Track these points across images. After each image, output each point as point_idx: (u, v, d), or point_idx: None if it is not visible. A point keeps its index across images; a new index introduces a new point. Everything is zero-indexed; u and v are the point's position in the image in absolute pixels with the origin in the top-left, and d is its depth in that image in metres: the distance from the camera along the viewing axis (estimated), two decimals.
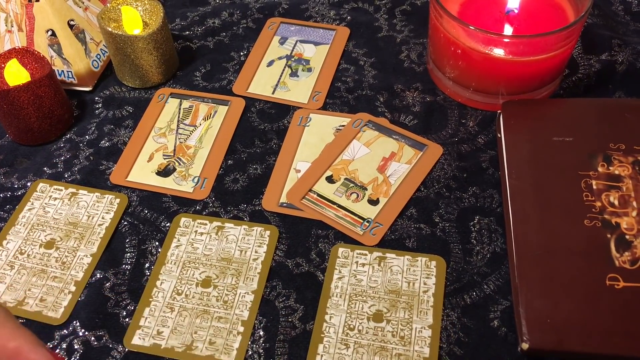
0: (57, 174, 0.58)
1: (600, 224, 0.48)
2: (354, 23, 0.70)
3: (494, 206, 0.53)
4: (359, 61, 0.66)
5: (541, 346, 0.43)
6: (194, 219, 0.53)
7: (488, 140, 0.58)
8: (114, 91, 0.65)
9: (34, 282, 0.50)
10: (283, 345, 0.46)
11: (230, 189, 0.56)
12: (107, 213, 0.54)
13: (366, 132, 0.59)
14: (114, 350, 0.46)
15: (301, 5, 0.72)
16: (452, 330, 0.46)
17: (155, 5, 0.63)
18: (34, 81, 0.56)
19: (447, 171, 0.55)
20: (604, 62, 0.63)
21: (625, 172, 0.51)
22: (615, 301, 0.44)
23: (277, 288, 0.49)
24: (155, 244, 0.52)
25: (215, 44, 0.69)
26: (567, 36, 0.54)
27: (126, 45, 0.60)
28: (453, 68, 0.58)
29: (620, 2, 0.70)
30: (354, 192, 0.54)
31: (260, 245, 0.51)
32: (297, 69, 0.65)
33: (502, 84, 0.57)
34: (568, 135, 0.53)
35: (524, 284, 0.45)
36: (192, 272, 0.50)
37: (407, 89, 0.62)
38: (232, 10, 0.72)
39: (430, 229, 0.52)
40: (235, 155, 0.58)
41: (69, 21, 0.63)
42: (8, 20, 0.63)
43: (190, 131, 0.60)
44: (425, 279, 0.48)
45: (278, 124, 0.61)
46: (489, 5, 0.60)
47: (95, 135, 0.61)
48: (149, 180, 0.57)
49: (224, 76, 0.66)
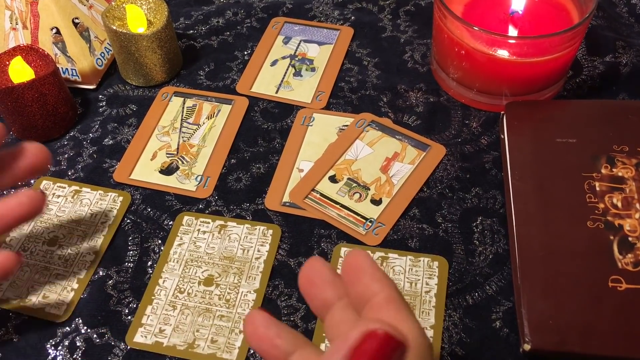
0: (60, 172, 0.58)
1: (603, 226, 0.48)
2: (358, 23, 0.70)
3: (496, 207, 0.53)
4: (363, 61, 0.66)
5: (543, 347, 0.43)
6: (197, 217, 0.53)
7: (491, 141, 0.58)
8: (117, 89, 0.65)
9: (36, 279, 0.50)
10: None
11: (233, 188, 0.56)
12: (110, 211, 0.54)
13: (369, 132, 0.59)
14: (116, 348, 0.46)
15: (305, 5, 0.72)
16: (454, 331, 0.46)
17: (159, 4, 0.63)
18: (38, 79, 0.56)
19: (450, 172, 0.55)
20: (608, 64, 0.63)
21: (628, 174, 0.51)
22: (617, 303, 0.44)
23: (280, 287, 0.49)
24: (158, 242, 0.53)
25: (219, 43, 0.69)
26: (571, 38, 0.54)
27: (130, 44, 0.60)
28: (457, 69, 0.58)
29: (624, 4, 0.70)
30: (356, 192, 0.54)
31: (263, 244, 0.51)
32: (300, 68, 0.65)
33: (505, 85, 0.57)
34: (571, 137, 0.53)
35: (526, 285, 0.45)
36: (194, 271, 0.50)
37: (411, 89, 0.62)
38: (236, 10, 0.73)
39: (432, 229, 0.52)
40: (238, 154, 0.59)
41: (74, 19, 0.63)
42: (13, 17, 0.63)
43: (194, 130, 0.60)
44: (427, 279, 0.48)
45: (281, 124, 0.61)
46: (493, 6, 0.60)
47: (99, 133, 0.61)
48: (152, 179, 0.57)
49: (228, 75, 0.66)
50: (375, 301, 0.29)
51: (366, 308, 0.29)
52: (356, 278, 0.30)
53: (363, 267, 0.30)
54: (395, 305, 0.29)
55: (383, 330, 0.26)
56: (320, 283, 0.31)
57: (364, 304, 0.29)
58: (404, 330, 0.27)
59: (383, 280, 0.30)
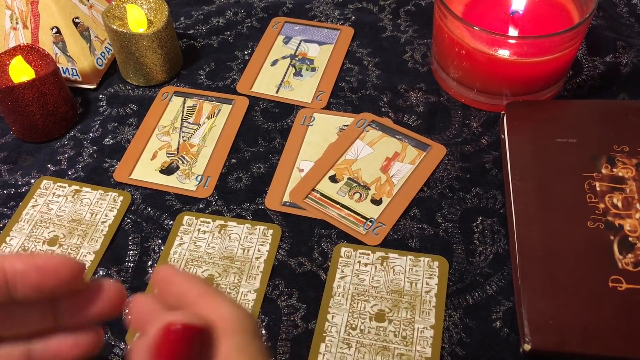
0: (60, 171, 0.58)
1: (603, 226, 0.48)
2: (358, 23, 0.70)
3: (497, 207, 0.53)
4: (363, 61, 0.66)
5: (543, 347, 0.43)
6: (197, 217, 0.53)
7: (491, 141, 0.58)
8: (118, 89, 0.65)
9: None
10: (285, 344, 0.46)
11: (233, 188, 0.56)
12: (110, 210, 0.54)
13: (370, 132, 0.59)
14: (116, 347, 0.46)
15: (305, 4, 0.72)
16: (454, 331, 0.46)
17: (160, 3, 0.63)
18: (39, 78, 0.56)
19: (450, 172, 0.55)
20: (608, 64, 0.63)
21: (628, 174, 0.51)
22: (617, 303, 0.44)
23: (280, 287, 0.49)
24: (158, 241, 0.53)
25: (219, 43, 0.69)
26: (572, 38, 0.53)
27: (131, 44, 0.60)
28: (457, 69, 0.58)
29: (625, 4, 0.70)
30: (357, 191, 0.54)
31: (263, 244, 0.51)
32: (301, 68, 0.65)
33: (506, 85, 0.57)
34: (572, 137, 0.53)
35: (526, 285, 0.45)
36: (194, 270, 0.50)
37: (411, 89, 0.62)
38: (236, 10, 0.73)
39: (433, 229, 0.52)
40: (238, 154, 0.59)
41: (74, 19, 0.63)
42: (13, 17, 0.63)
43: (194, 130, 0.60)
44: (427, 279, 0.48)
45: (282, 123, 0.61)
46: (493, 6, 0.60)
47: (99, 132, 0.61)
48: (153, 178, 0.57)
49: (228, 75, 0.66)
50: (188, 299, 0.29)
51: (184, 305, 0.30)
52: (167, 288, 0.30)
53: (170, 275, 0.30)
54: (208, 296, 0.29)
55: (179, 321, 0.27)
56: (148, 313, 0.31)
57: (179, 302, 0.30)
58: (217, 316, 0.28)
59: (192, 280, 0.30)
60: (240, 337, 0.28)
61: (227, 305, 0.29)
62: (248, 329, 0.28)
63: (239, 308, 0.29)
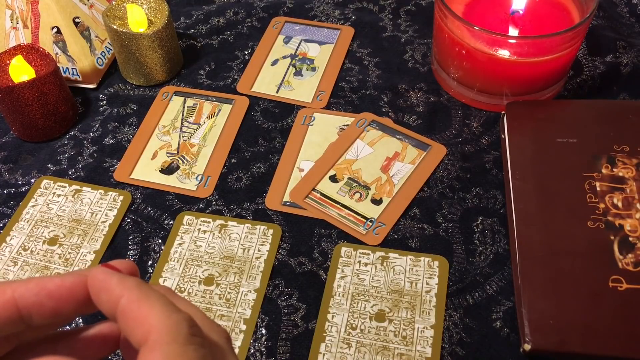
0: (61, 171, 0.58)
1: (603, 226, 0.48)
2: (359, 23, 0.70)
3: (497, 207, 0.53)
4: (363, 61, 0.66)
5: (543, 347, 0.43)
6: (197, 217, 0.53)
7: (492, 141, 0.58)
8: (118, 89, 0.65)
9: None
10: (285, 343, 0.46)
11: (233, 188, 0.56)
12: (110, 210, 0.54)
13: (370, 131, 0.59)
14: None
15: (306, 4, 0.72)
16: (454, 331, 0.46)
17: (160, 3, 0.63)
18: (39, 78, 0.56)
19: (450, 171, 0.55)
20: (609, 64, 0.63)
21: (629, 174, 0.51)
22: (618, 303, 0.44)
23: (280, 287, 0.49)
24: (159, 241, 0.53)
25: (219, 43, 0.69)
26: (572, 37, 0.53)
27: (131, 43, 0.60)
28: (457, 68, 0.58)
29: (625, 4, 0.70)
30: (357, 191, 0.54)
31: (263, 244, 0.51)
32: (301, 68, 0.65)
33: (506, 85, 0.57)
34: (572, 137, 0.53)
35: (526, 285, 0.45)
36: (194, 270, 0.50)
37: (411, 89, 0.62)
38: (236, 9, 0.73)
39: (433, 229, 0.52)
40: (238, 153, 0.59)
41: (74, 18, 0.63)
42: (13, 17, 0.63)
43: (194, 129, 0.60)
44: (427, 279, 0.48)
45: (282, 123, 0.61)
46: (494, 6, 0.60)
47: (100, 132, 0.61)
48: (153, 178, 0.57)
49: (228, 75, 0.66)
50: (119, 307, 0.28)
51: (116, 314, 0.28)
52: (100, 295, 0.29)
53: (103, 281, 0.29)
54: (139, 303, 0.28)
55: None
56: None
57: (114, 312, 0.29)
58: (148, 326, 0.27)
59: (126, 285, 0.29)
60: (170, 348, 0.26)
61: (159, 313, 0.27)
62: (180, 338, 0.27)
63: (172, 315, 0.27)
